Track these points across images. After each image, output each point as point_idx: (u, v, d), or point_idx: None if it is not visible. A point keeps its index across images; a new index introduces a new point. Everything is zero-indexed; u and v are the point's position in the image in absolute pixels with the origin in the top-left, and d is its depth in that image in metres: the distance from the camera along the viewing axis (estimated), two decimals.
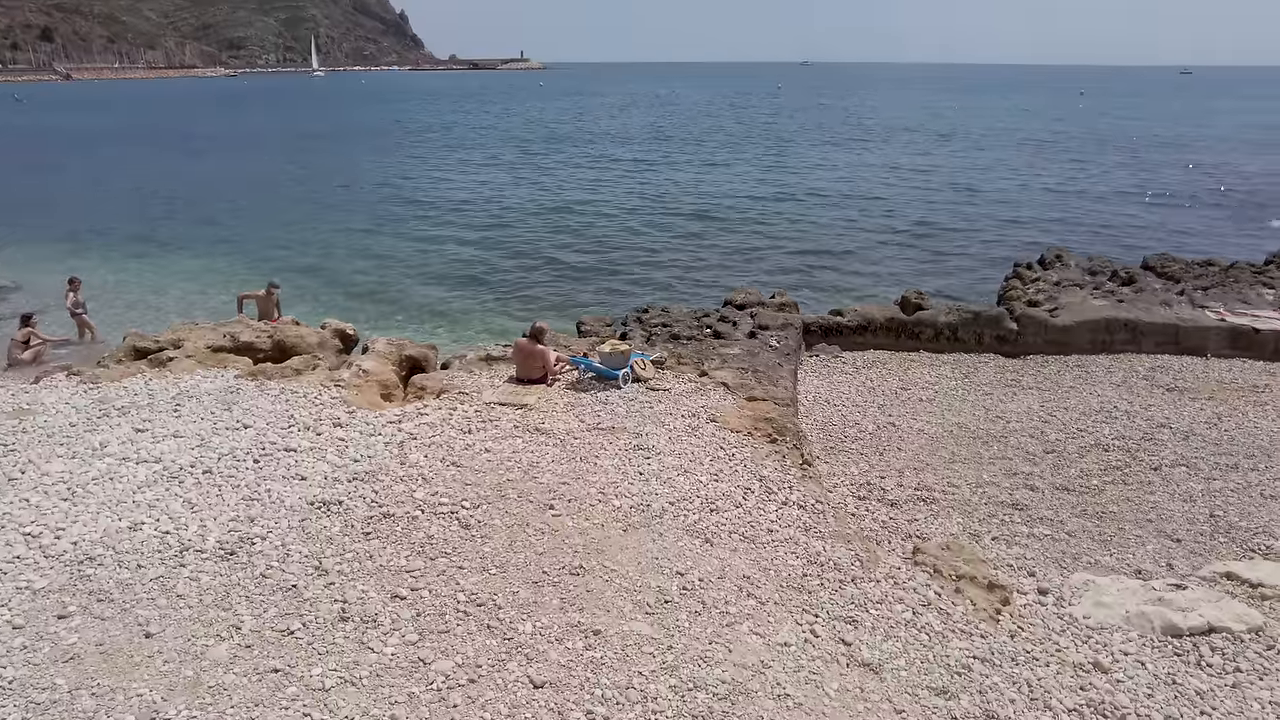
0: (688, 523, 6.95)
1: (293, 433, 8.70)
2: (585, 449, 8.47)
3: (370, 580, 5.93)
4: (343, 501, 7.10)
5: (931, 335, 14.08)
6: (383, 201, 31.52)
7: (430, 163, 43.20)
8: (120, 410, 9.42)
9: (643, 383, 10.88)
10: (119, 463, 7.90)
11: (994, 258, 22.55)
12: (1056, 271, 16.59)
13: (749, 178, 36.08)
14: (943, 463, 9.73)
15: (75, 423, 9.07)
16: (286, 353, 12.41)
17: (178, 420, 9.05)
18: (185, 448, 8.21)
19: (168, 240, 24.73)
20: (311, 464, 7.87)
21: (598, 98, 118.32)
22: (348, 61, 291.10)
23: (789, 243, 24.44)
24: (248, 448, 8.21)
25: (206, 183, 36.09)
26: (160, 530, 6.60)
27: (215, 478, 7.55)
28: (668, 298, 18.63)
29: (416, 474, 7.68)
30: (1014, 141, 52.24)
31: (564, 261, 22.47)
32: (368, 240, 25.33)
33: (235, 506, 7.00)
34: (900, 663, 5.38)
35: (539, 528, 6.70)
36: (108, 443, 8.40)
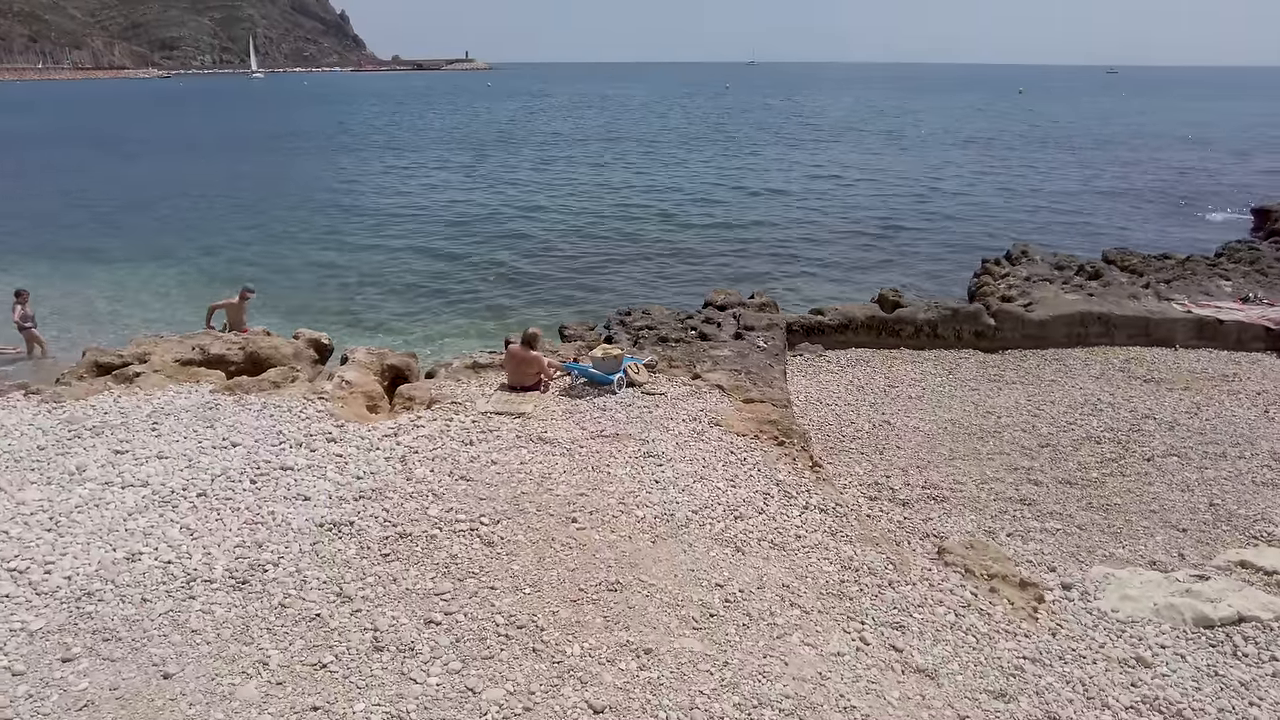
0: (714, 531, 6.81)
1: (285, 450, 8.29)
2: (595, 458, 8.26)
3: (399, 605, 5.64)
4: (354, 522, 6.76)
5: (912, 332, 14.22)
6: (336, 207, 30.60)
7: (382, 166, 42.14)
8: (93, 431, 8.86)
9: (637, 387, 10.71)
10: (102, 488, 7.40)
11: (955, 254, 22.93)
12: (1025, 267, 16.94)
13: (706, 178, 36.11)
14: (943, 460, 9.79)
15: (44, 445, 8.50)
16: (260, 365, 11.88)
17: (158, 440, 8.55)
18: (173, 470, 7.75)
19: (111, 249, 23.55)
20: (313, 483, 7.50)
21: (546, 98, 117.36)
22: (287, 63, 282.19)
23: (755, 243, 24.46)
24: (241, 467, 7.79)
25: (147, 188, 34.57)
26: (161, 560, 6.18)
27: (212, 501, 7.13)
28: (638, 300, 18.45)
29: (426, 490, 7.37)
30: (960, 140, 53.43)
31: (526, 267, 22.09)
32: (324, 247, 24.53)
33: (239, 532, 6.61)
34: (954, 666, 5.32)
35: (565, 542, 6.48)
36: (85, 466, 7.87)
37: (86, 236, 25.16)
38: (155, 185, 35.35)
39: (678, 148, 49.27)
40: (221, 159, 45.56)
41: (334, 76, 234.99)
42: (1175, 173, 38.06)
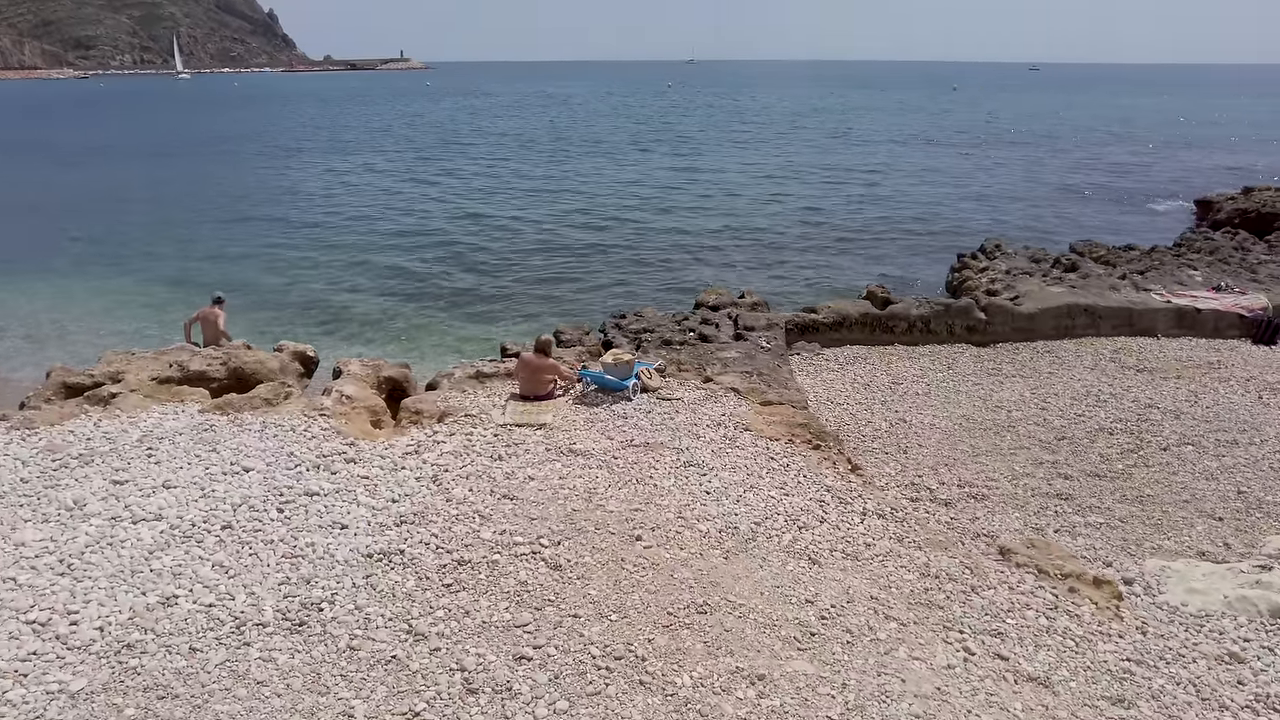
0: (784, 544, 6.60)
1: (304, 473, 7.75)
2: (634, 469, 7.96)
3: (480, 641, 5.25)
4: (403, 550, 6.32)
5: (905, 328, 14.28)
6: (287, 212, 29.25)
7: (330, 170, 40.49)
8: (80, 460, 8.14)
9: (650, 392, 10.44)
10: (110, 524, 6.77)
11: (915, 252, 23.23)
12: (1004, 260, 17.25)
13: (660, 180, 35.75)
14: (968, 457, 9.79)
15: (27, 478, 7.76)
16: (245, 381, 11.18)
17: (158, 467, 7.90)
18: (187, 500, 7.15)
19: (53, 261, 22.03)
20: (346, 509, 7.01)
21: (488, 98, 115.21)
22: (214, 63, 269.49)
23: (724, 243, 24.35)
24: (262, 495, 7.23)
25: (85, 196, 32.60)
26: (201, 603, 5.65)
27: (239, 534, 6.58)
28: (613, 304, 18.14)
29: (471, 511, 6.96)
30: (904, 136, 54.49)
31: (491, 271, 21.48)
32: (283, 253, 23.41)
33: (279, 567, 6.10)
34: (1063, 673, 5.23)
35: (636, 563, 6.17)
36: (84, 500, 7.20)
37: (24, 249, 23.50)
38: (96, 193, 33.33)
39: (631, 148, 48.81)
40: (163, 164, 43.15)
41: (265, 77, 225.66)
42: (1111, 166, 39.55)
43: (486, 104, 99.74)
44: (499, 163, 42.52)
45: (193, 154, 48.48)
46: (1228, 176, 34.15)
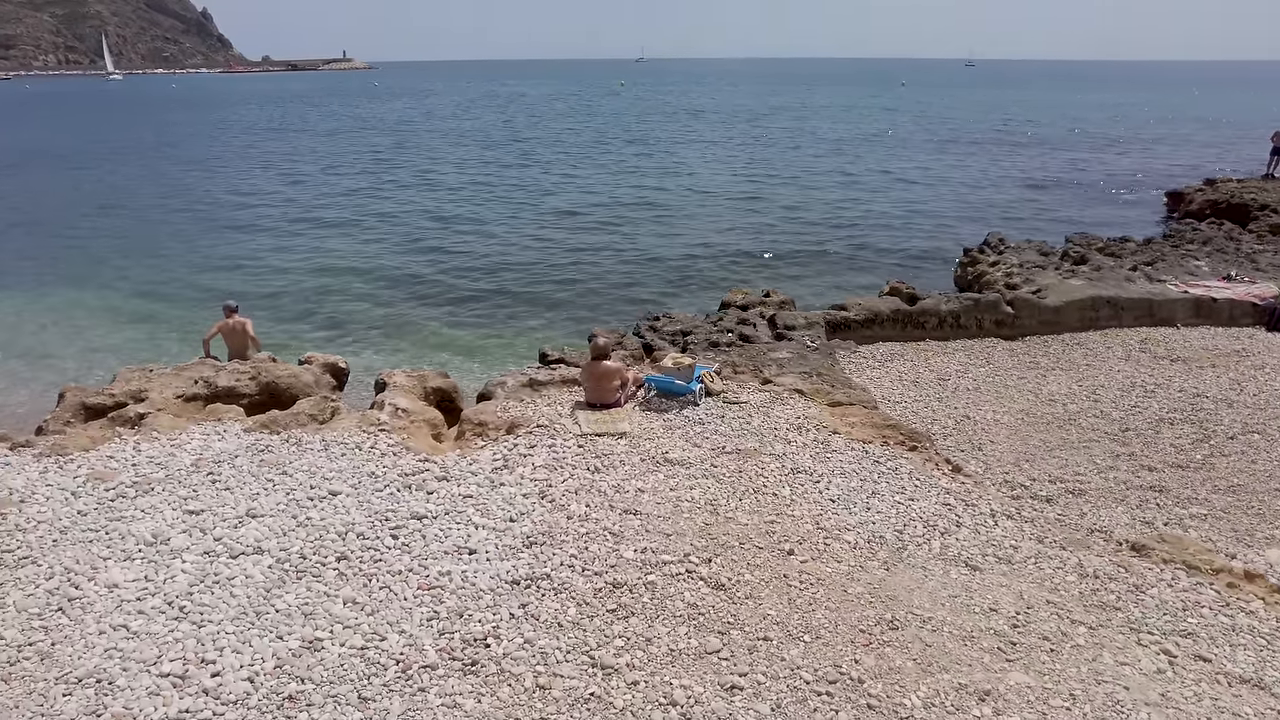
0: (934, 551, 6.45)
1: (397, 494, 7.29)
2: (742, 478, 7.72)
3: (677, 670, 4.94)
4: (549, 574, 5.95)
5: (936, 324, 14.34)
6: (260, 218, 27.95)
7: (295, 173, 38.88)
8: (138, 488, 7.52)
9: (714, 396, 10.22)
10: (207, 559, 6.23)
11: (909, 248, 23.41)
12: (1014, 254, 17.51)
13: (637, 181, 35.12)
14: (1044, 451, 9.81)
15: (85, 510, 7.13)
16: (279, 396, 10.56)
17: (230, 494, 7.34)
18: (281, 529, 6.62)
19: (27, 271, 20.55)
20: (464, 531, 6.59)
21: (437, 97, 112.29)
22: (145, 64, 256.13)
23: (716, 244, 24.12)
24: (366, 520, 6.76)
25: (42, 202, 30.66)
26: (352, 646, 5.19)
27: (358, 565, 6.11)
28: (624, 307, 17.85)
29: (599, 529, 6.62)
30: (864, 135, 55.10)
31: (489, 274, 20.88)
32: (267, 259, 22.24)
33: (420, 600, 5.67)
34: (1273, 673, 5.18)
35: (800, 578, 5.93)
36: (163, 533, 6.63)
37: None
38: (46, 200, 31.33)
39: (599, 149, 47.95)
40: (115, 169, 40.80)
41: (203, 78, 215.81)
42: (1069, 160, 40.79)
43: (439, 104, 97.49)
44: (468, 164, 41.43)
45: (148, 157, 46.18)
46: (1183, 170, 35.55)
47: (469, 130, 61.73)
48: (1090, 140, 50.16)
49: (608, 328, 13.87)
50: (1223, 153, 42.64)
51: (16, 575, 6.17)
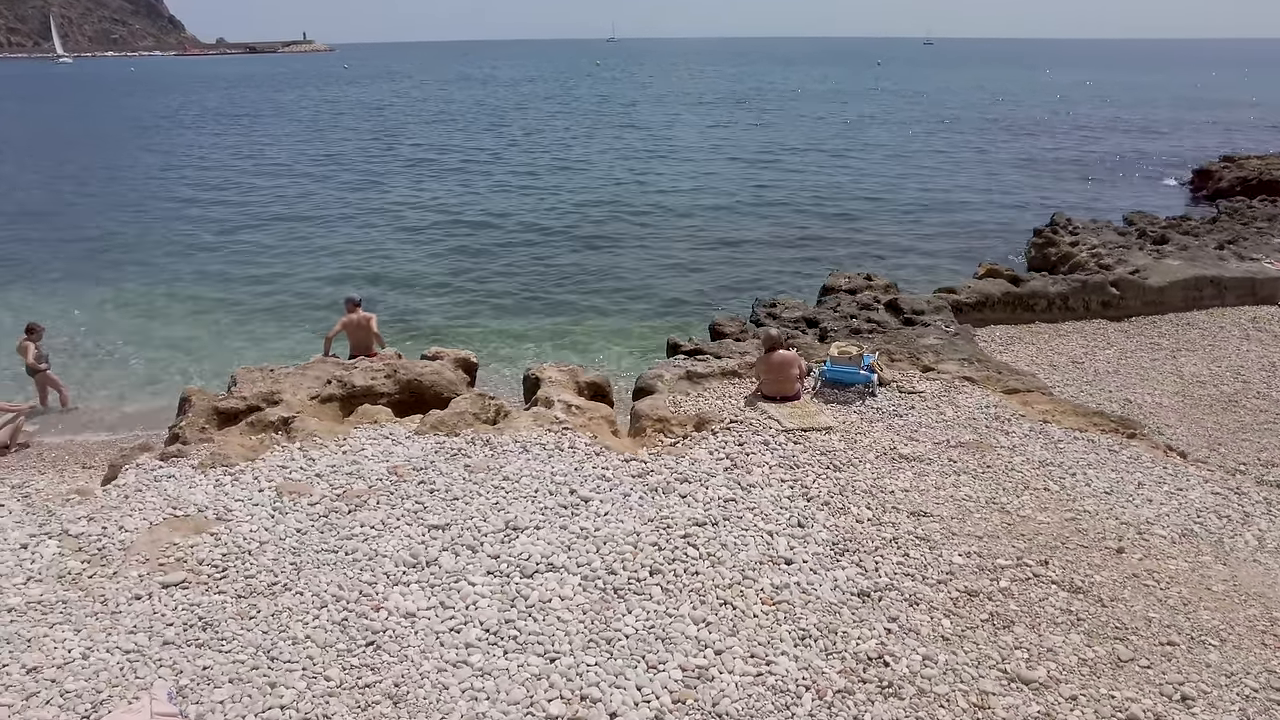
0: (1250, 544, 6.35)
1: (652, 499, 6.91)
2: (997, 473, 7.53)
3: (1110, 682, 4.71)
4: (892, 585, 5.66)
5: (1044, 306, 14.38)
6: (266, 206, 26.60)
7: (286, 162, 37.08)
8: (347, 501, 6.99)
9: (885, 385, 10.02)
10: (498, 580, 5.79)
11: (935, 231, 23.29)
12: (1094, 234, 17.67)
13: (650, 168, 34.12)
14: (1231, 435, 9.85)
15: (303, 529, 6.63)
16: (421, 395, 10.01)
17: (461, 504, 6.88)
18: (558, 543, 6.20)
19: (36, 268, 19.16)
20: (761, 539, 6.25)
21: (409, 80, 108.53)
22: (93, 46, 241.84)
23: (748, 231, 23.75)
24: (649, 529, 6.37)
25: (34, 191, 28.79)
26: (745, 674, 4.83)
27: (680, 579, 5.74)
28: (693, 295, 17.51)
29: (902, 532, 6.36)
30: (867, 117, 54.87)
31: (540, 265, 20.26)
32: (304, 253, 21.14)
33: (774, 617, 5.33)
34: None
35: (1153, 578, 5.76)
36: (422, 553, 6.15)
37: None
38: (44, 189, 29.42)
39: (602, 134, 46.82)
40: (99, 154, 38.56)
41: (159, 61, 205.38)
42: (1079, 139, 41.45)
43: (415, 87, 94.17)
44: (459, 155, 40.17)
45: (137, 142, 43.83)
46: (1188, 150, 36.53)
47: (458, 115, 60.21)
48: (1079, 119, 51.22)
49: (726, 314, 13.55)
50: (1225, 130, 43.96)
51: (281, 604, 5.63)
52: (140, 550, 6.45)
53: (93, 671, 5.06)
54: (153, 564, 6.25)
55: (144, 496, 7.37)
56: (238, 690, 4.84)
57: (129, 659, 5.17)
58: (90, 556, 6.40)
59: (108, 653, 5.23)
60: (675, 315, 16.34)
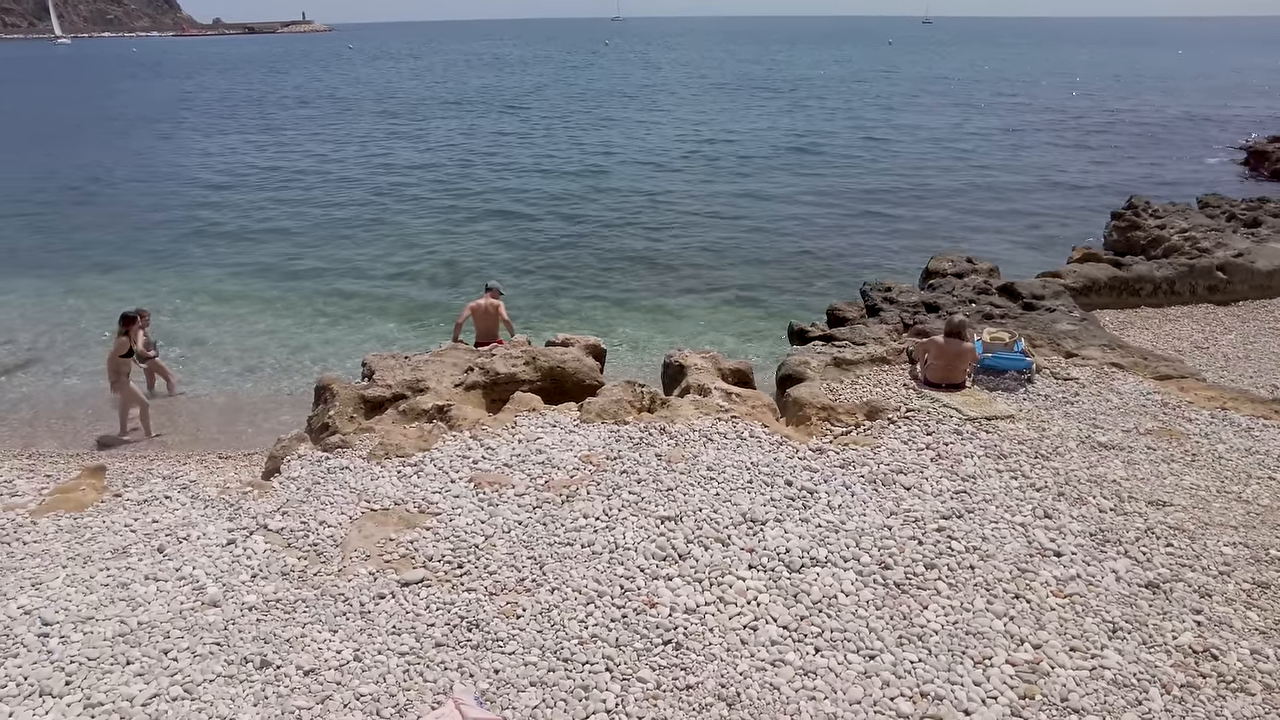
0: None
1: (874, 491, 6.81)
2: (1203, 461, 7.50)
3: None
4: (1180, 578, 5.60)
5: (1150, 290, 14.39)
6: (324, 194, 26.06)
7: (330, 140, 36.50)
8: (559, 495, 6.86)
9: (1040, 371, 9.99)
10: (767, 575, 5.68)
11: (984, 213, 23.21)
12: (1181, 217, 17.69)
13: (701, 150, 33.89)
14: None
15: (524, 522, 6.49)
16: (562, 382, 9.87)
17: (683, 496, 6.77)
18: (813, 536, 6.10)
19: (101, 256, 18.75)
20: (1014, 533, 6.18)
21: (416, 60, 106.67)
22: (88, 26, 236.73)
23: (804, 210, 23.58)
24: (898, 523, 6.28)
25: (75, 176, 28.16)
26: (1079, 669, 4.76)
27: (950, 574, 5.66)
28: (785, 279, 17.39)
29: (1160, 525, 6.30)
30: (872, 95, 55.09)
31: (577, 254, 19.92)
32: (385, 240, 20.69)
33: (1070, 619, 5.26)
34: None
35: None
36: (671, 548, 6.03)
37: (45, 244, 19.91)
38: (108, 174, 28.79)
39: (644, 111, 46.57)
40: (129, 140, 37.72)
41: (159, 41, 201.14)
42: (1108, 118, 41.58)
43: (426, 66, 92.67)
44: (491, 127, 39.64)
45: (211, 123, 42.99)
46: (1213, 129, 36.74)
47: (477, 98, 59.51)
48: (1105, 99, 51.32)
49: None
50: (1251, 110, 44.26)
51: (542, 601, 5.51)
52: (356, 546, 6.30)
53: (377, 675, 4.92)
54: (378, 560, 6.10)
55: (326, 489, 7.22)
56: (546, 694, 4.71)
57: (406, 661, 5.04)
58: (304, 553, 6.25)
59: (380, 654, 5.09)
60: (751, 302, 16.15)
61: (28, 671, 5.02)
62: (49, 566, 6.21)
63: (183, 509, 7.27)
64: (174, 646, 5.21)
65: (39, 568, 6.19)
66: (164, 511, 7.26)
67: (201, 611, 5.56)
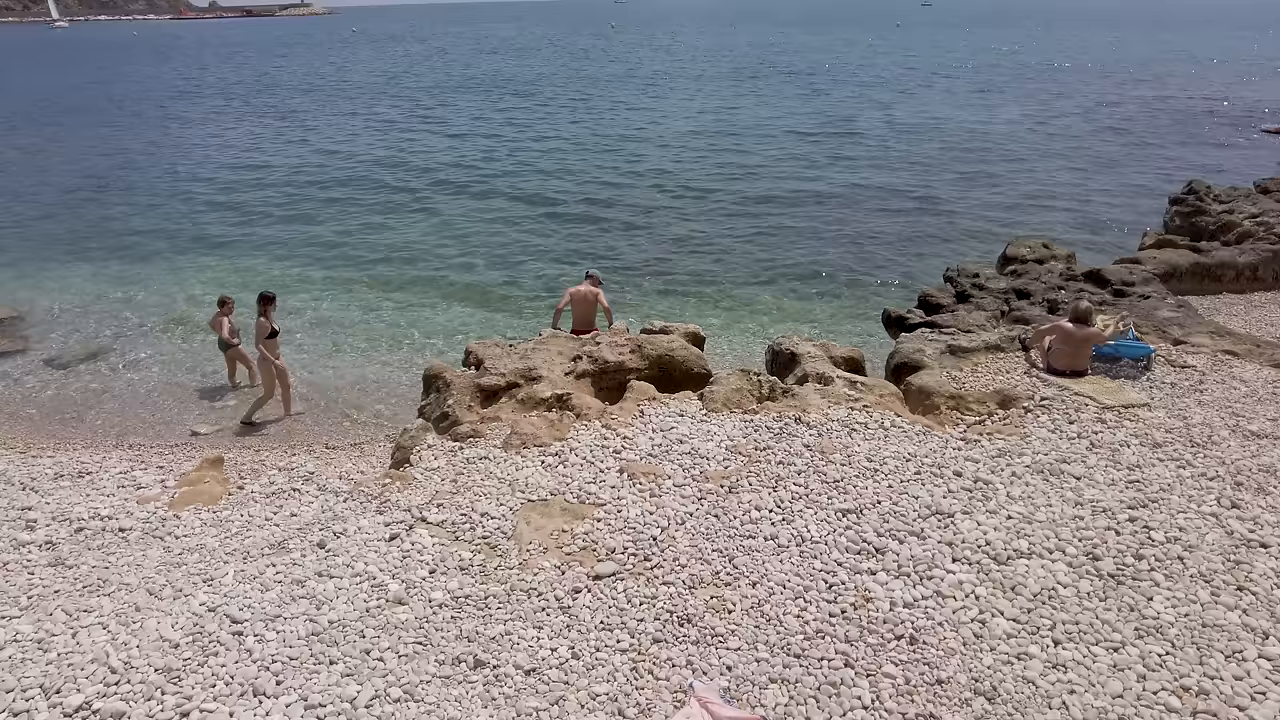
0: None
1: (1053, 483, 6.77)
2: None
3: None
4: None
5: (1233, 276, 14.41)
6: (364, 167, 25.77)
7: (368, 124, 36.05)
8: (728, 485, 6.78)
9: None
10: (972, 570, 5.63)
11: (1040, 204, 23.16)
12: (1249, 202, 17.72)
13: (725, 144, 33.62)
14: None
15: (713, 513, 6.37)
16: (670, 371, 9.77)
17: (853, 487, 6.71)
18: (1008, 528, 6.05)
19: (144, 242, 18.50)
20: (1212, 525, 6.14)
21: (422, 43, 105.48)
22: (84, 9, 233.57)
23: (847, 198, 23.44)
24: (1103, 515, 6.23)
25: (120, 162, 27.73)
26: None
27: (1160, 564, 5.62)
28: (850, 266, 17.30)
29: None
30: (893, 81, 54.78)
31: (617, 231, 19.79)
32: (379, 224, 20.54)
33: None
34: None
35: None
36: (899, 549, 5.97)
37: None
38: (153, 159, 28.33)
39: (648, 95, 46.14)
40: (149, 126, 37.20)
41: (158, 25, 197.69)
42: (1136, 102, 41.56)
43: (434, 49, 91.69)
44: (523, 111, 39.04)
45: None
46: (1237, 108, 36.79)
47: (496, 82, 58.90)
48: (1124, 79, 51.33)
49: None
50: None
51: (747, 595, 5.44)
52: (530, 538, 6.22)
53: (605, 673, 4.85)
54: (557, 553, 6.02)
55: (473, 480, 7.13)
56: (792, 690, 4.65)
57: (630, 659, 4.96)
58: (476, 546, 6.16)
59: (599, 652, 5.02)
60: (811, 290, 16.03)
61: (233, 671, 4.93)
62: (211, 562, 6.11)
63: (317, 501, 7.17)
64: (374, 646, 5.12)
65: (202, 563, 6.09)
66: (299, 504, 7.17)
67: (390, 609, 5.47)
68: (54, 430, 9.73)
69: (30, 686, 4.80)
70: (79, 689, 4.80)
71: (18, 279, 15.92)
